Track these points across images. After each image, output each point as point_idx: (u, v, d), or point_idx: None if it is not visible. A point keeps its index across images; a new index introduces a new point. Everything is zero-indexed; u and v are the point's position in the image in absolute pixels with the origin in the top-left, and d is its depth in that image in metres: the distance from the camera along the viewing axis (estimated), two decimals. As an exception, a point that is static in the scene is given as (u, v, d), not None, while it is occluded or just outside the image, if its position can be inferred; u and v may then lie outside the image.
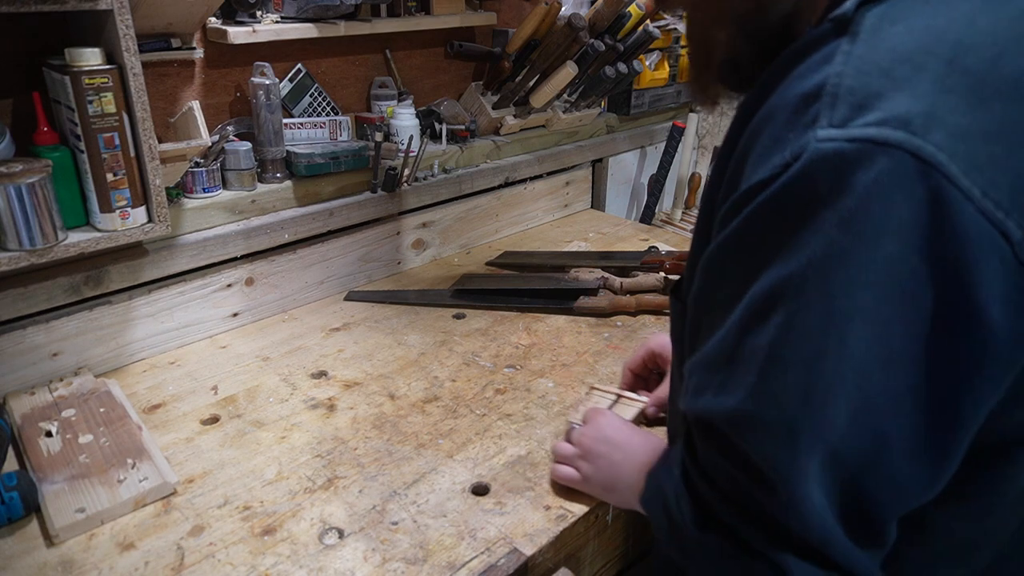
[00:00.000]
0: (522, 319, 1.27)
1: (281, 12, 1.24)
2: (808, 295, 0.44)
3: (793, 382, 0.46)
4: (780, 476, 0.48)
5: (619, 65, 1.58)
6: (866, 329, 0.44)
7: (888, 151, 0.41)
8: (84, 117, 0.92)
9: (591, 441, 0.81)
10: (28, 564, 0.75)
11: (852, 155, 0.42)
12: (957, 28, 0.44)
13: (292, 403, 1.03)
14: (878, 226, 0.42)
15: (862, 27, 0.45)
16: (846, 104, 0.43)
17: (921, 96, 0.42)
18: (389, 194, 1.38)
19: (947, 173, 0.41)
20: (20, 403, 0.99)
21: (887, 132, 0.41)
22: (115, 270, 1.07)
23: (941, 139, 0.41)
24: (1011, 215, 0.41)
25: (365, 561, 0.75)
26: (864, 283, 0.43)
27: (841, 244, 0.43)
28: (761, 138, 0.47)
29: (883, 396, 0.45)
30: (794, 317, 0.45)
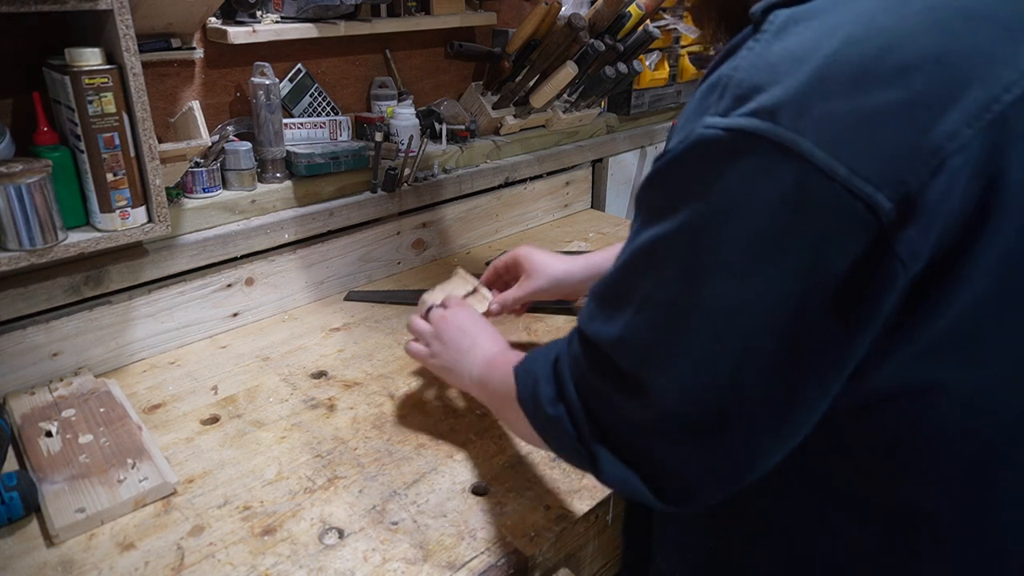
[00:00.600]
0: (522, 319, 1.27)
1: (281, 12, 1.24)
2: (674, 257, 0.51)
3: (657, 322, 0.53)
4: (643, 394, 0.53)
5: (619, 65, 1.58)
6: (725, 287, 0.49)
7: (754, 139, 0.46)
8: (84, 117, 0.92)
9: (446, 325, 0.91)
10: (28, 564, 0.75)
11: (724, 142, 0.47)
12: (850, 25, 0.47)
13: (292, 403, 1.03)
14: (743, 204, 0.47)
15: (770, 28, 0.49)
16: (731, 95, 0.48)
17: (794, 87, 0.46)
18: (389, 194, 1.38)
19: (809, 156, 0.44)
20: (20, 403, 0.99)
21: (755, 122, 0.46)
22: (115, 270, 1.07)
23: (807, 126, 0.45)
24: (882, 189, 0.44)
25: (365, 561, 0.75)
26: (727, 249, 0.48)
27: (709, 215, 0.49)
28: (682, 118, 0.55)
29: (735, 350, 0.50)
30: (661, 272, 0.52)
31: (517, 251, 1.07)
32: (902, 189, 0.44)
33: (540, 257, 1.05)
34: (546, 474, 0.88)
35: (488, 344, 0.86)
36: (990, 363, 0.51)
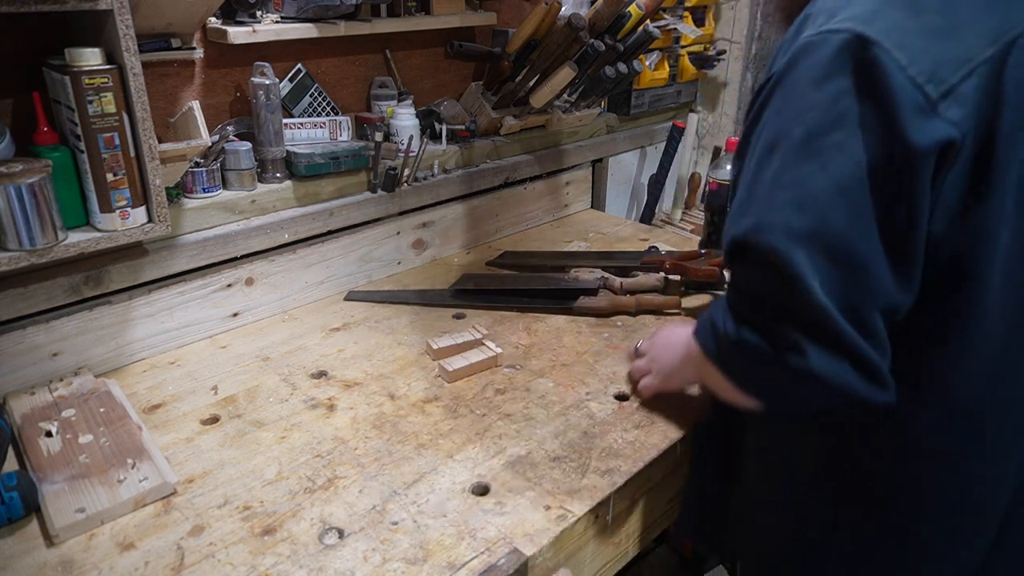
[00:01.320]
0: (522, 319, 1.27)
1: (281, 12, 1.24)
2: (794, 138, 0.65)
3: (788, 198, 0.64)
4: (787, 271, 0.63)
5: (619, 65, 1.58)
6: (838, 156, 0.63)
7: (840, 34, 0.63)
8: (84, 117, 0.92)
9: (653, 346, 1.03)
10: (28, 564, 0.75)
11: (818, 40, 0.65)
12: None
13: (292, 403, 1.03)
14: (835, 83, 0.63)
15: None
16: (821, 17, 0.66)
17: (868, 5, 0.64)
18: (389, 194, 1.38)
19: (883, 46, 0.62)
20: (20, 403, 0.99)
21: (839, 24, 0.64)
22: (115, 270, 1.07)
23: (880, 28, 0.62)
24: (930, 82, 0.61)
25: (365, 561, 0.75)
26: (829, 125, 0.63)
27: (811, 99, 0.64)
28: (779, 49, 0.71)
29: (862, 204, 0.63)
30: (785, 156, 0.65)
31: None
32: (944, 85, 0.61)
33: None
34: (546, 474, 0.88)
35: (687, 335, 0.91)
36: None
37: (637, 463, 0.90)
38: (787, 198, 0.64)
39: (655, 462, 0.92)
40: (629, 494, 0.90)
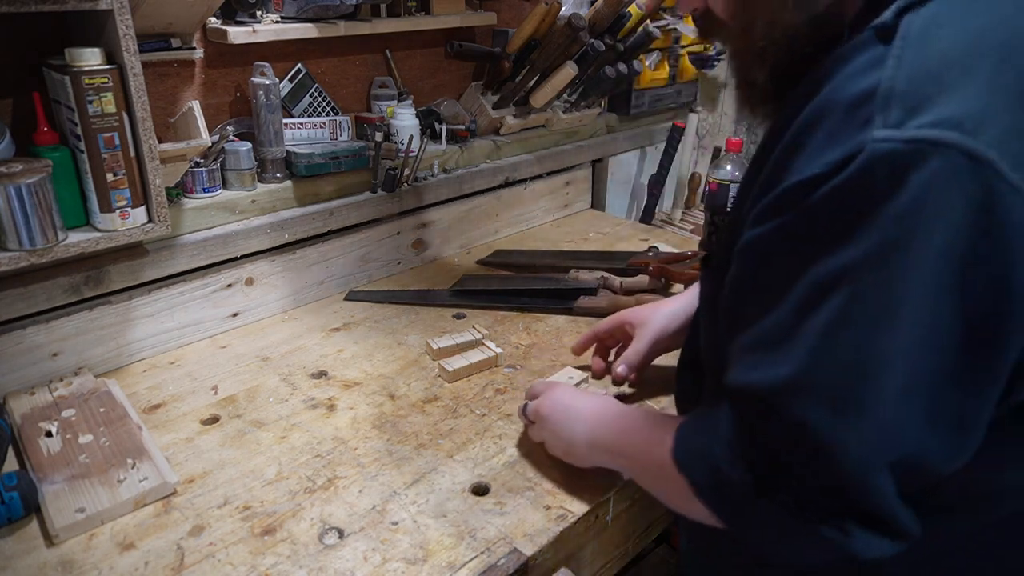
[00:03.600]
0: (522, 319, 1.27)
1: (281, 12, 1.24)
2: (865, 282, 0.49)
3: (843, 358, 0.50)
4: (823, 443, 0.51)
5: (619, 65, 1.58)
6: (917, 312, 0.48)
7: (942, 150, 0.45)
8: (84, 117, 0.92)
9: (546, 410, 0.87)
10: (28, 564, 0.75)
11: (908, 154, 0.46)
12: (1001, 29, 0.48)
13: (292, 403, 1.03)
14: (932, 220, 0.46)
15: (910, 32, 0.49)
16: (900, 107, 0.47)
17: (971, 98, 0.46)
18: (389, 194, 1.38)
19: (998, 169, 0.45)
20: (20, 403, 0.99)
21: (941, 132, 0.45)
22: (115, 270, 1.07)
23: (991, 138, 0.45)
24: None
25: (365, 561, 0.75)
26: (917, 272, 0.47)
27: (898, 237, 0.47)
28: (811, 137, 0.52)
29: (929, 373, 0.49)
30: (850, 301, 0.49)
31: (619, 314, 1.04)
32: None
33: (641, 311, 1.02)
34: (546, 474, 0.88)
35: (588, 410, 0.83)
36: None
37: (637, 463, 0.90)
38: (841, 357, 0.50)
39: (655, 462, 0.92)
40: (629, 494, 0.89)
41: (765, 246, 0.55)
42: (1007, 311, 0.47)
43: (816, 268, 0.51)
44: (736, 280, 0.60)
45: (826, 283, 0.50)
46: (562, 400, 0.87)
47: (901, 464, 0.51)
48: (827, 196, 0.49)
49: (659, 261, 1.35)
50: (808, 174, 0.50)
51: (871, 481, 0.51)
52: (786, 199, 0.52)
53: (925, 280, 0.47)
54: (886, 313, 0.48)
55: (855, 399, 0.50)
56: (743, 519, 0.60)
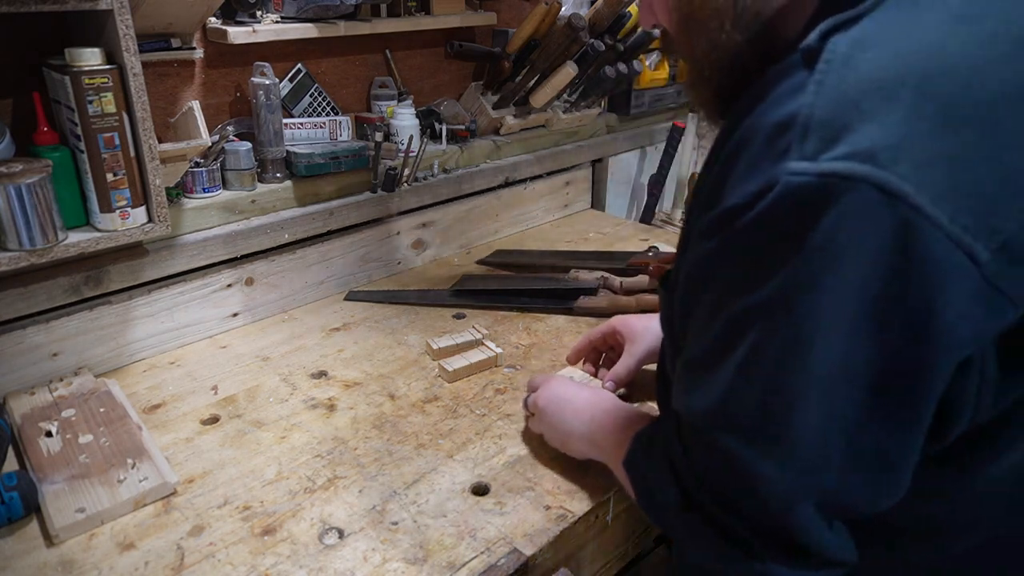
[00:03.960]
0: (522, 319, 1.27)
1: (281, 12, 1.24)
2: (774, 321, 0.48)
3: (756, 394, 0.50)
4: (747, 474, 0.52)
5: (619, 65, 1.58)
6: (830, 351, 0.47)
7: (854, 185, 0.43)
8: (84, 117, 0.92)
9: (544, 402, 0.88)
10: (28, 564, 0.75)
11: (821, 189, 0.44)
12: (927, 54, 0.46)
13: (292, 403, 1.03)
14: (844, 257, 0.44)
15: (834, 56, 0.47)
16: (816, 136, 0.45)
17: (889, 127, 0.44)
18: (389, 194, 1.38)
19: (914, 203, 0.42)
20: (20, 403, 0.99)
21: (853, 166, 0.43)
22: (115, 270, 1.07)
23: (908, 170, 0.43)
24: (979, 238, 0.43)
25: (365, 561, 0.75)
26: (829, 310, 0.46)
27: (808, 274, 0.46)
28: (738, 162, 0.50)
29: (847, 411, 0.48)
30: (762, 339, 0.49)
31: (613, 323, 1.03)
32: (998, 238, 0.43)
33: (635, 322, 1.01)
34: (546, 474, 0.88)
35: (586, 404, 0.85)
36: None
37: (637, 463, 0.90)
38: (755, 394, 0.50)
39: (655, 462, 0.92)
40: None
41: (697, 271, 0.55)
42: (928, 349, 0.45)
43: (735, 302, 0.50)
44: (680, 300, 0.60)
45: (741, 319, 0.50)
46: (558, 393, 0.88)
47: (824, 499, 0.51)
48: (744, 228, 0.48)
49: (659, 261, 1.35)
50: (731, 203, 0.49)
51: (793, 512, 0.51)
52: (715, 225, 0.51)
53: (839, 317, 0.46)
54: (797, 350, 0.47)
55: (770, 434, 0.50)
56: (673, 530, 0.62)
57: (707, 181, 0.56)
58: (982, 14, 0.47)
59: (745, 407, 0.51)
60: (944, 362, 0.46)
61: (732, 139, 0.52)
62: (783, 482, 0.51)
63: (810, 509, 0.52)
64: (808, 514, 0.52)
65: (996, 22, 0.47)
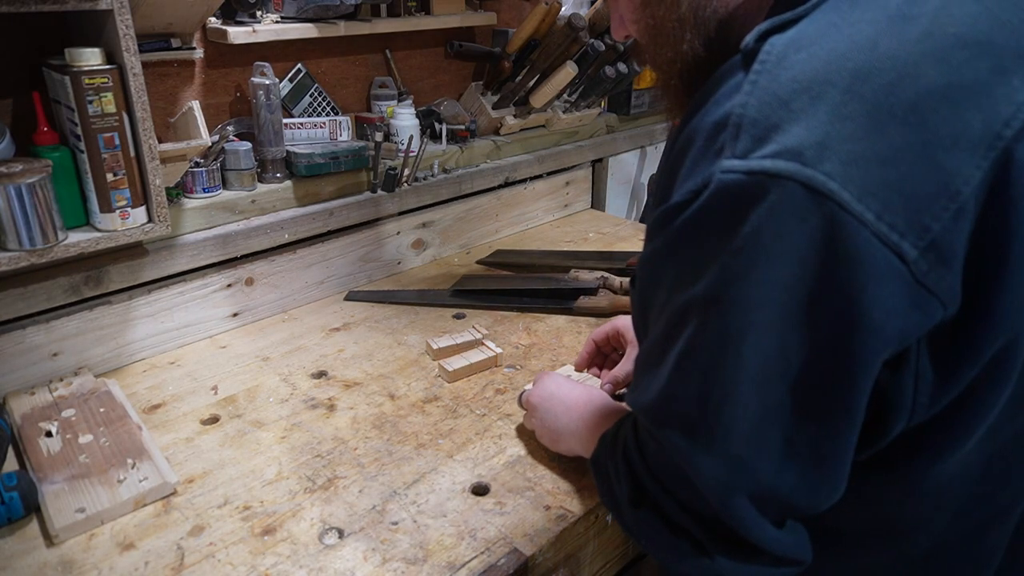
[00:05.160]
0: (522, 319, 1.27)
1: (281, 12, 1.24)
2: (707, 315, 0.49)
3: (691, 388, 0.51)
4: (686, 466, 0.53)
5: (619, 65, 1.58)
6: (760, 345, 0.48)
7: (781, 183, 0.44)
8: (84, 117, 0.92)
9: (537, 399, 0.89)
10: (28, 564, 0.75)
11: (749, 187, 0.45)
12: (858, 53, 0.46)
13: (292, 403, 1.03)
14: (771, 254, 0.45)
15: (770, 56, 0.48)
16: (748, 135, 0.46)
17: (816, 126, 0.44)
18: (389, 194, 1.38)
19: (840, 200, 0.43)
20: (20, 403, 0.99)
21: (780, 164, 0.44)
22: (115, 270, 1.07)
23: (834, 167, 0.43)
24: (907, 236, 0.43)
25: (365, 561, 0.75)
26: (758, 305, 0.47)
27: (737, 271, 0.47)
28: (684, 161, 0.51)
29: (779, 404, 0.49)
30: (695, 335, 0.50)
31: (616, 323, 1.02)
32: (927, 236, 0.44)
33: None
34: (546, 474, 0.88)
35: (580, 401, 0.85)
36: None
37: (637, 463, 0.90)
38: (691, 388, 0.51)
39: (655, 462, 0.92)
40: (629, 494, 0.90)
41: (649, 267, 0.57)
42: (856, 345, 0.46)
43: (675, 297, 0.52)
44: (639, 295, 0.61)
45: (680, 314, 0.51)
46: (551, 390, 0.89)
47: (760, 493, 0.52)
48: (682, 226, 0.50)
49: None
50: (673, 201, 0.50)
51: (730, 505, 0.52)
52: (659, 223, 0.52)
53: (769, 313, 0.46)
54: (729, 344, 0.48)
55: (705, 428, 0.51)
56: (627, 525, 0.63)
57: (660, 180, 0.57)
58: (920, 13, 0.47)
59: (681, 400, 0.52)
60: (871, 358, 0.47)
61: (680, 139, 0.53)
62: (717, 473, 0.51)
63: (746, 502, 0.52)
64: (745, 507, 0.52)
65: (931, 21, 0.47)
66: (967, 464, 0.54)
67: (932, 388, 0.49)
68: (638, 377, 0.59)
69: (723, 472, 0.51)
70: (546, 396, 0.88)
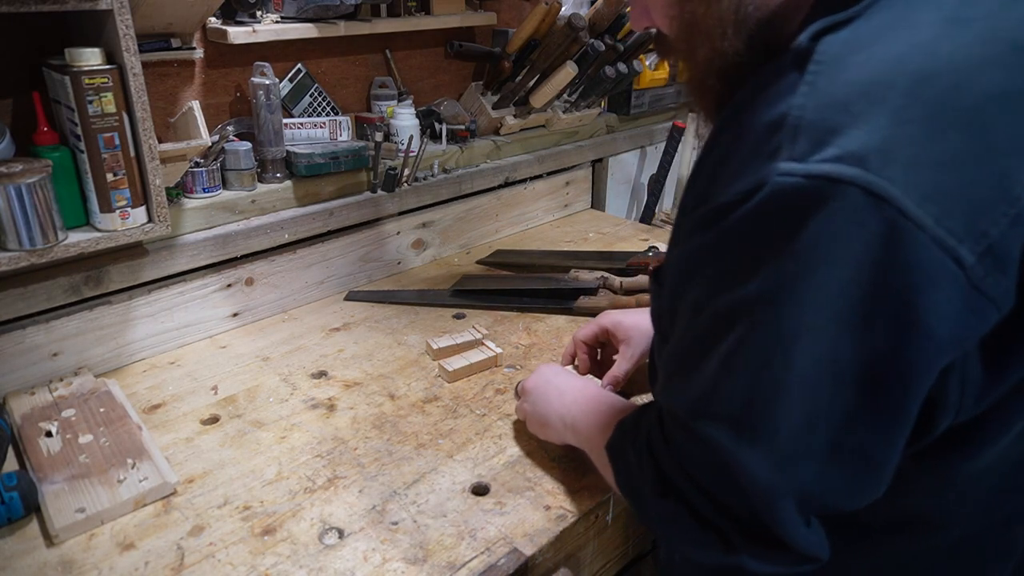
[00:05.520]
0: (522, 319, 1.27)
1: (281, 12, 1.24)
2: (759, 316, 0.49)
3: (741, 388, 0.51)
4: (730, 465, 0.52)
5: (619, 65, 1.58)
6: (813, 348, 0.47)
7: (842, 187, 0.44)
8: (84, 117, 0.92)
9: (532, 383, 0.91)
10: (28, 564, 0.75)
11: (809, 191, 0.44)
12: (917, 56, 0.46)
13: (292, 403, 1.03)
14: (831, 258, 0.45)
15: (825, 57, 0.48)
16: (806, 138, 0.45)
17: (877, 130, 0.44)
18: (389, 194, 1.38)
19: (900, 206, 0.43)
20: (20, 403, 0.99)
21: (842, 168, 0.44)
22: (115, 270, 1.07)
23: (895, 173, 0.43)
24: (964, 242, 0.43)
25: (365, 561, 0.75)
26: (813, 307, 0.46)
27: (794, 274, 0.46)
28: (730, 160, 0.51)
29: (830, 407, 0.49)
30: (746, 335, 0.50)
31: (601, 322, 1.02)
32: (984, 242, 0.44)
33: (626, 321, 1.00)
34: (546, 474, 0.88)
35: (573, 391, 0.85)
36: None
37: (637, 463, 0.90)
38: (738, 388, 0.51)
39: (655, 462, 0.92)
40: (629, 494, 0.90)
41: (685, 265, 0.56)
42: (912, 351, 0.46)
43: (720, 298, 0.51)
44: (670, 292, 0.60)
45: (727, 313, 0.51)
46: (545, 376, 0.90)
47: (804, 494, 0.52)
48: (732, 226, 0.49)
49: (659, 261, 1.35)
50: (722, 200, 0.50)
51: (774, 506, 0.52)
52: (704, 221, 0.52)
53: (824, 316, 0.46)
54: (778, 348, 0.48)
55: (753, 427, 0.51)
56: (648, 515, 0.62)
57: (699, 178, 0.57)
58: (974, 16, 0.47)
59: (728, 399, 0.52)
60: (928, 365, 0.47)
61: (724, 137, 0.53)
62: (762, 472, 0.51)
63: (791, 504, 0.52)
64: (788, 509, 0.52)
65: (988, 24, 0.47)
66: (1000, 459, 0.55)
67: (979, 388, 0.49)
68: (671, 375, 0.58)
69: (768, 471, 0.51)
70: (541, 382, 0.89)
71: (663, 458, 0.60)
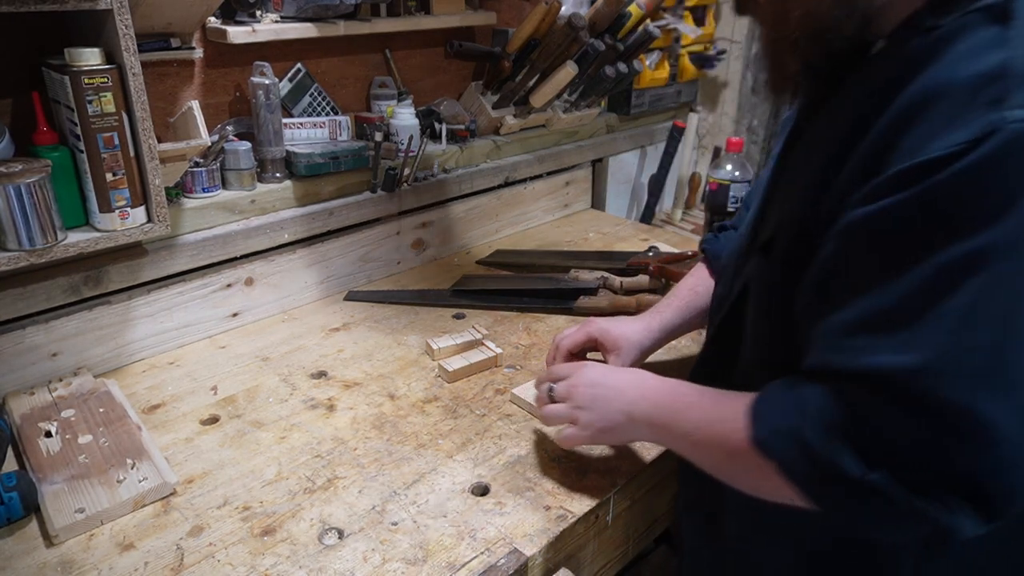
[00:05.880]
0: (522, 319, 1.27)
1: (281, 12, 1.24)
2: (1006, 264, 0.48)
3: (988, 339, 0.49)
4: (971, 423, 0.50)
5: (619, 65, 1.58)
6: None
7: None
8: (84, 117, 0.92)
9: (580, 389, 0.82)
10: (28, 564, 0.75)
11: None
12: None
13: (292, 403, 1.03)
14: None
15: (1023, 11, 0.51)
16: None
17: None
18: (389, 194, 1.38)
19: None
20: (20, 403, 0.99)
21: None
22: (114, 270, 1.07)
23: None
24: None
25: (365, 561, 0.75)
26: None
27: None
28: (924, 118, 0.51)
29: None
30: (991, 283, 0.49)
31: (588, 330, 0.99)
32: None
33: (614, 331, 0.98)
34: (546, 474, 0.88)
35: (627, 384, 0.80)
36: None
37: (637, 463, 0.90)
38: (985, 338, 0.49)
39: (655, 462, 0.91)
40: (629, 494, 0.89)
41: (877, 225, 0.54)
42: None
43: (946, 251, 0.50)
44: (832, 260, 0.58)
45: (960, 266, 0.50)
46: (593, 377, 0.83)
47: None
48: (955, 178, 0.49)
49: (659, 261, 1.36)
50: (929, 156, 0.49)
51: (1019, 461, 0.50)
52: (902, 180, 0.51)
53: None
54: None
55: (1004, 379, 0.49)
56: (834, 499, 0.58)
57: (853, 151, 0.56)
58: None
59: (973, 352, 0.50)
60: None
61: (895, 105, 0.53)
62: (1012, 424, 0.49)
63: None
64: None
65: None
66: None
67: None
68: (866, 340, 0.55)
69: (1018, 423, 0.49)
70: (589, 384, 0.82)
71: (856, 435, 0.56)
